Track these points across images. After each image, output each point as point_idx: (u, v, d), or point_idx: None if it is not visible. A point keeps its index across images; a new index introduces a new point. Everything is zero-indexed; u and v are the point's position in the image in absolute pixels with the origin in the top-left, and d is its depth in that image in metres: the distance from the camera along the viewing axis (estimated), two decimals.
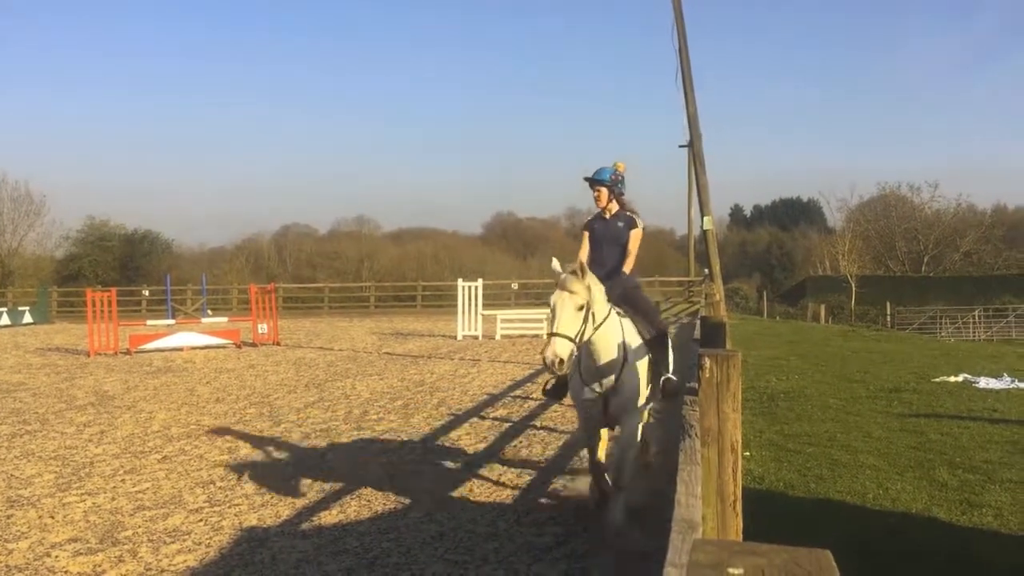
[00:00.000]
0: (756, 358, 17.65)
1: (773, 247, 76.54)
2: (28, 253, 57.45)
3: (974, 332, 46.22)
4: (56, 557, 5.88)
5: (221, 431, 10.26)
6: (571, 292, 5.33)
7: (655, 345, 6.09)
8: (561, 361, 5.13)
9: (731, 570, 0.99)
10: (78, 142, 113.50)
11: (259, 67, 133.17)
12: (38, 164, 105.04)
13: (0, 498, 7.44)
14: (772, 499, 7.09)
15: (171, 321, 24.72)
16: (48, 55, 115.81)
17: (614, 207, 6.60)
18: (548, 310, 5.51)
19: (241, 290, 39.92)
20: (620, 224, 6.56)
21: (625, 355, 5.72)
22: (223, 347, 21.63)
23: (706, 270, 25.17)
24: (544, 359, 5.20)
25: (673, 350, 6.64)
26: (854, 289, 57.29)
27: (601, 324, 5.55)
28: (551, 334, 5.24)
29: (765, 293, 57.17)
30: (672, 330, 6.81)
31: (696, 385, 3.57)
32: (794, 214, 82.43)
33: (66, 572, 5.59)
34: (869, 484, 7.53)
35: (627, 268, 6.43)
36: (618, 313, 5.86)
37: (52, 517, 6.80)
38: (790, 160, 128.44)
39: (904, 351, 20.78)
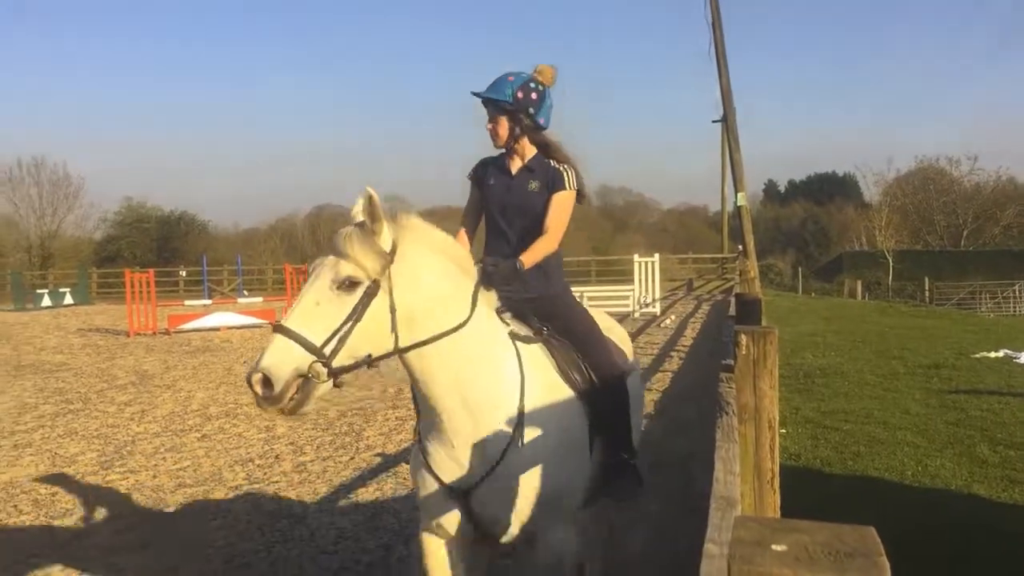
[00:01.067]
0: (792, 335, 17.51)
1: (808, 223, 75.60)
2: (67, 235, 58.38)
3: (1014, 307, 45.44)
4: (101, 534, 6.00)
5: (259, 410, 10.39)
6: (341, 256, 2.87)
7: (598, 402, 3.42)
8: (267, 383, 2.73)
9: (774, 547, 0.99)
10: (113, 124, 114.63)
11: (290, 47, 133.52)
12: (74, 146, 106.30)
13: (46, 476, 7.61)
14: (809, 476, 7.05)
15: (208, 301, 25.03)
16: (82, 41, 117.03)
17: (528, 150, 3.72)
18: (578, 289, 3.67)
19: (276, 270, 40.32)
20: (534, 183, 3.68)
21: (519, 417, 3.11)
22: (259, 327, 21.85)
23: (740, 246, 24.96)
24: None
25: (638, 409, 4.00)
26: (891, 264, 56.55)
27: (448, 334, 3.02)
28: (274, 327, 2.85)
29: (800, 269, 56.59)
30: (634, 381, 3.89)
31: (731, 362, 3.55)
32: (829, 189, 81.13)
33: (111, 548, 5.71)
34: (908, 461, 7.47)
35: (534, 255, 3.50)
36: (514, 335, 3.30)
37: (96, 495, 6.94)
38: (825, 134, 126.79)
39: (943, 327, 20.52)
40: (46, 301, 32.91)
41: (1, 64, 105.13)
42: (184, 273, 42.22)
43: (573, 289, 3.84)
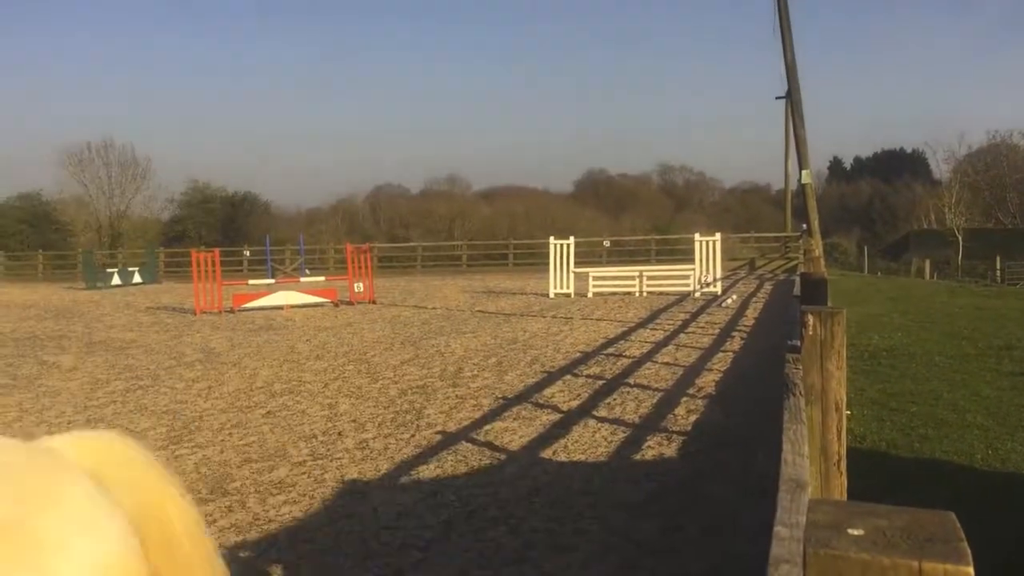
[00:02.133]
0: (857, 315, 17.16)
1: (874, 200, 73.95)
2: (136, 215, 59.90)
3: None
4: None
5: (322, 387, 10.55)
6: None
7: None
8: None
9: (851, 531, 0.97)
10: (177, 105, 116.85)
11: (348, 25, 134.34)
12: (139, 128, 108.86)
13: None
14: (874, 458, 6.93)
15: (271, 280, 25.45)
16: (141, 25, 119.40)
17: None
18: (637, 268, 3.24)
19: (337, 250, 40.80)
20: None
21: None
22: (321, 305, 22.18)
23: (804, 225, 24.51)
24: None
25: None
26: (961, 243, 55.07)
27: None
28: None
29: (866, 248, 55.41)
30: None
31: (798, 342, 3.49)
32: (897, 166, 79.15)
33: None
34: (977, 444, 7.29)
35: None
36: None
37: (165, 469, 7.11)
38: (893, 109, 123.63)
39: (1015, 307, 19.91)
40: (116, 280, 33.79)
41: (74, 50, 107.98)
42: (248, 253, 42.95)
43: (632, 269, 3.52)
